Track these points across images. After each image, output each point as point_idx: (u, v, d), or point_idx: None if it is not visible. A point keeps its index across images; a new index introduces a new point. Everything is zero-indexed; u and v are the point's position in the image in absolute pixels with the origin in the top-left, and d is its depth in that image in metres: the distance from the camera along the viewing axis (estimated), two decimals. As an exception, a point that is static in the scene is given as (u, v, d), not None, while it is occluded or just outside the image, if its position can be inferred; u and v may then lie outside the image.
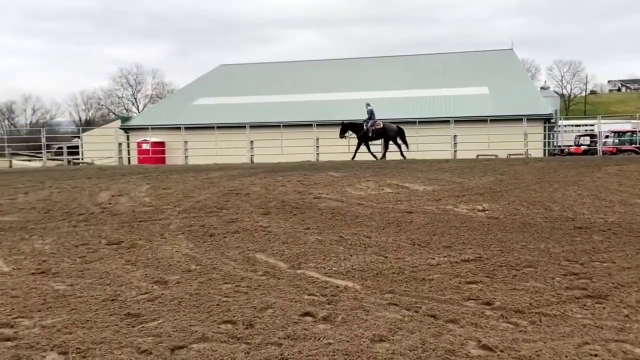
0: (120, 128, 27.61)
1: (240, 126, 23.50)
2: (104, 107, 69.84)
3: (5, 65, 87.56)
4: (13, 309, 3.70)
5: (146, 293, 4.02)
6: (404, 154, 18.02)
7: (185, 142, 22.00)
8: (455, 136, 20.65)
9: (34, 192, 9.76)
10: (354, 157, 18.35)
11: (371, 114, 18.65)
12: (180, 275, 4.48)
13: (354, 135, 18.63)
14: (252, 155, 21.23)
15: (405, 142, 18.58)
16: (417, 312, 3.58)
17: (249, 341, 3.07)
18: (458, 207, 7.49)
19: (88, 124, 60.79)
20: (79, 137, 28.97)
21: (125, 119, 31.46)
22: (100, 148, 23.89)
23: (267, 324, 3.33)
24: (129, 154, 25.28)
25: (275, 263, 4.83)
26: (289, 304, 3.71)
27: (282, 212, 7.30)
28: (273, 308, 3.62)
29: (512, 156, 19.22)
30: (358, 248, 5.36)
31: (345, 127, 18.95)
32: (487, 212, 7.17)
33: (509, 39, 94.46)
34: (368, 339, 3.12)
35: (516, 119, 22.26)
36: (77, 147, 27.08)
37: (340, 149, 20.45)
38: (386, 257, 4.98)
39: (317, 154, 20.95)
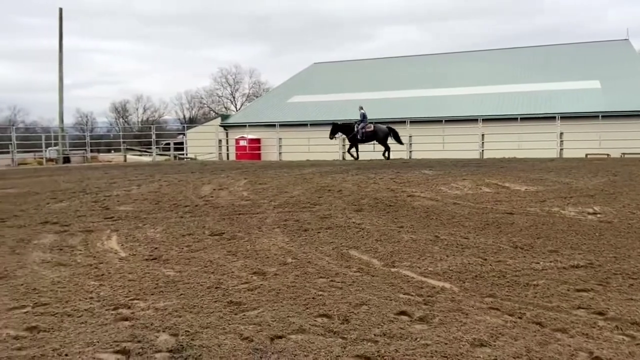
0: (220, 125, 29.13)
1: (333, 123, 23.77)
2: (205, 105, 73.95)
3: (122, 68, 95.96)
4: (130, 292, 4.05)
5: (246, 283, 4.21)
6: (389, 154, 18.47)
7: (280, 139, 22.70)
8: (561, 134, 19.28)
9: (146, 185, 10.60)
10: (357, 157, 18.84)
11: (363, 117, 19.03)
12: (278, 268, 4.63)
13: (368, 135, 18.69)
14: (343, 152, 21.38)
15: (399, 142, 18.91)
16: (520, 318, 3.40)
17: (345, 336, 3.10)
18: (565, 209, 6.99)
19: (191, 122, 64.85)
20: (183, 134, 31.02)
21: (224, 117, 33.11)
22: (202, 144, 25.40)
23: (362, 320, 3.34)
24: (227, 150, 26.60)
25: (369, 260, 4.83)
26: (384, 302, 3.69)
27: (374, 210, 7.27)
28: (368, 305, 3.63)
29: (626, 156, 17.55)
30: (455, 249, 5.20)
31: (336, 128, 19.42)
32: (598, 215, 6.62)
33: (624, 28, 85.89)
34: (468, 342, 3.01)
35: (632, 116, 20.27)
36: (182, 143, 29.01)
37: (435, 146, 19.96)
38: (485, 260, 4.78)
39: (410, 151, 20.60)
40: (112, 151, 34.97)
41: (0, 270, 4.69)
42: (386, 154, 18.57)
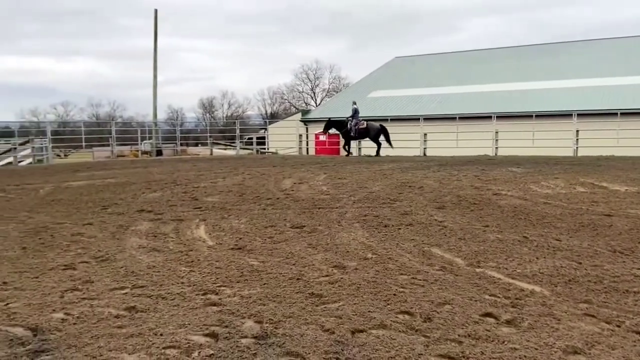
0: (300, 121, 29.68)
1: (414, 118, 23.35)
2: (286, 101, 75.60)
3: (209, 65, 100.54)
4: (217, 278, 4.26)
5: (327, 276, 4.27)
6: (380, 152, 19.00)
7: (359, 134, 22.60)
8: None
9: (230, 177, 11.06)
10: (348, 153, 19.72)
11: (355, 112, 19.36)
12: (358, 262, 4.64)
13: (361, 132, 19.00)
14: (425, 148, 20.94)
15: (389, 142, 19.14)
16: (619, 326, 3.16)
17: (428, 335, 3.05)
18: (674, 212, 6.37)
19: (273, 117, 66.58)
20: (265, 129, 31.94)
21: (304, 112, 33.68)
22: (283, 139, 26.01)
23: (445, 320, 3.27)
24: (307, 145, 27.01)
25: (452, 259, 4.71)
26: (469, 302, 3.58)
27: (458, 207, 7.06)
28: (451, 304, 3.54)
29: None
30: (546, 251, 4.92)
31: (330, 124, 20.03)
32: None
33: None
34: (560, 349, 2.85)
35: None
36: (263, 137, 29.90)
37: (523, 142, 18.99)
38: (580, 263, 4.48)
39: (496, 147, 19.74)
40: (199, 145, 36.83)
41: (103, 253, 5.11)
42: (378, 152, 19.18)
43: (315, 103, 70.26)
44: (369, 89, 33.40)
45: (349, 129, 19.40)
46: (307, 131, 29.12)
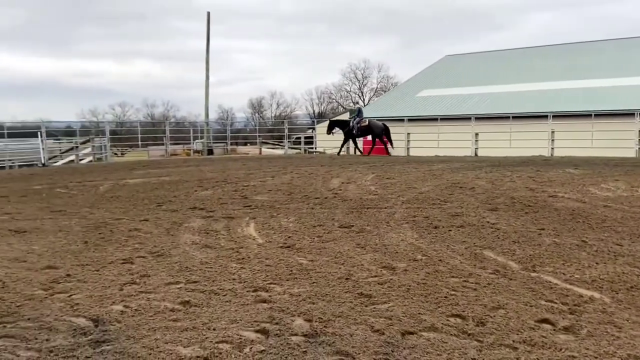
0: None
1: (465, 118, 22.84)
2: (334, 100, 75.66)
3: (259, 66, 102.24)
4: (267, 276, 4.32)
5: (376, 276, 4.25)
6: (390, 151, 19.47)
7: (408, 133, 22.39)
8: None
9: (279, 176, 11.18)
10: (339, 152, 20.09)
11: (359, 112, 20.09)
12: (407, 264, 4.59)
13: (363, 130, 19.28)
14: (476, 148, 20.44)
15: (389, 139, 19.61)
16: (689, 340, 2.97)
17: (481, 339, 2.98)
18: None
19: (320, 117, 66.85)
20: (313, 128, 32.12)
21: (352, 111, 33.55)
22: (331, 138, 25.98)
23: (499, 325, 3.18)
24: (355, 144, 26.88)
25: (505, 262, 4.57)
26: (524, 308, 3.47)
27: (511, 210, 6.85)
28: (505, 309, 3.44)
29: None
30: (606, 256, 4.69)
31: (332, 124, 20.42)
32: None
33: None
34: (621, 358, 2.71)
35: None
36: (311, 137, 30.06)
37: (581, 143, 18.20)
38: (644, 270, 4.24)
39: (552, 148, 18.99)
40: (249, 144, 37.48)
41: (158, 249, 5.30)
42: (385, 150, 19.57)
43: (363, 102, 69.88)
44: (418, 88, 32.93)
45: (351, 127, 19.77)
46: (354, 130, 28.99)
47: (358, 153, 20.40)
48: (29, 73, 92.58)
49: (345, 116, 31.59)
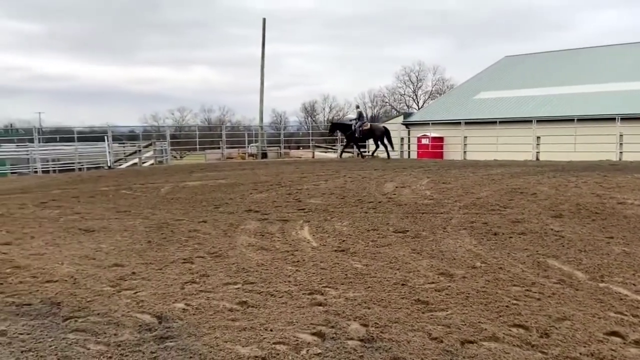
0: (402, 124, 29.32)
1: (525, 120, 22.04)
2: (387, 104, 75.16)
3: (312, 70, 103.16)
4: (322, 279, 4.35)
5: (433, 283, 4.18)
6: (390, 154, 19.71)
7: (465, 137, 21.88)
8: None
9: (332, 180, 11.22)
10: (340, 155, 20.48)
11: (360, 115, 19.93)
12: (466, 271, 4.49)
13: (365, 133, 19.22)
14: (537, 152, 19.66)
15: (390, 143, 19.74)
16: None
17: (545, 351, 2.87)
18: None
19: (373, 120, 66.43)
20: (366, 132, 31.87)
21: (406, 115, 33.24)
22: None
23: (565, 337, 3.05)
24: (409, 148, 26.60)
25: (571, 272, 4.37)
26: (591, 319, 3.31)
27: (577, 217, 6.55)
28: (571, 320, 3.29)
29: None
30: (684, 268, 4.39)
31: (334, 127, 20.84)
32: None
33: None
34: None
35: None
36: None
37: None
38: None
39: (621, 152, 17.97)
40: (302, 148, 37.82)
41: (217, 249, 5.46)
42: (386, 153, 19.64)
43: (418, 106, 68.96)
44: (475, 90, 32.10)
45: (353, 130, 19.70)
46: (408, 134, 28.70)
47: (366, 155, 20.64)
48: (95, 80, 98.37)
49: (399, 119, 31.27)
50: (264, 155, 25.51)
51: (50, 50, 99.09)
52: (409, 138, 28.13)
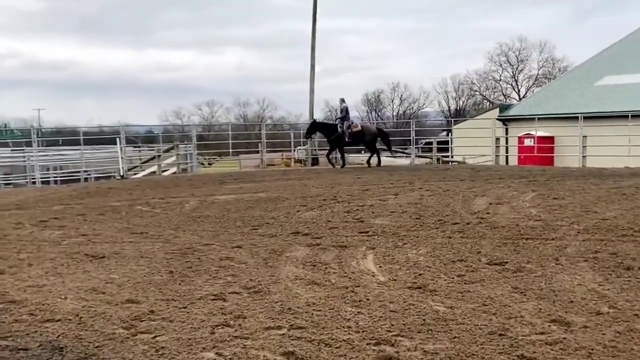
0: (497, 119, 28.79)
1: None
2: (477, 93, 74.13)
3: (375, 51, 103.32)
4: (392, 325, 4.33)
5: (542, 333, 4.08)
6: (380, 159, 20.31)
7: (584, 136, 21.22)
8: None
9: (404, 194, 11.21)
10: (342, 165, 20.66)
11: (346, 112, 19.72)
12: (587, 318, 4.36)
13: (355, 136, 19.45)
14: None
15: (388, 146, 20.91)
16: None
17: None
18: None
19: (458, 115, 65.84)
20: (449, 130, 31.65)
21: (503, 108, 32.60)
22: (473, 143, 25.47)
23: None
24: (507, 152, 26.08)
25: None
26: None
27: None
28: None
29: None
30: None
31: (315, 127, 20.57)
32: None
33: None
34: None
35: None
36: (447, 142, 29.63)
37: None
38: None
39: None
40: (363, 151, 37.83)
41: (255, 283, 5.55)
42: (375, 160, 20.02)
43: (518, 95, 67.69)
44: (597, 74, 31.08)
45: (341, 132, 19.42)
46: (506, 133, 28.17)
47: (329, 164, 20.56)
48: (105, 68, 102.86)
49: (493, 113, 30.74)
50: (315, 162, 25.73)
51: (51, 32, 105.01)
52: (506, 138, 27.64)
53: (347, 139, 19.63)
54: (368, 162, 20.67)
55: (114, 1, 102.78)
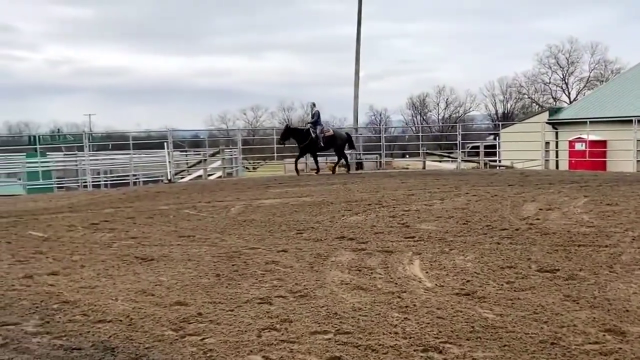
0: (547, 122, 28.25)
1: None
2: (525, 96, 72.85)
3: (421, 55, 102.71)
4: (440, 332, 4.28)
5: (596, 343, 3.98)
6: (348, 164, 20.80)
7: (638, 140, 20.61)
8: None
9: (450, 199, 11.10)
10: (317, 170, 20.25)
11: (317, 117, 19.51)
12: (644, 328, 4.23)
13: (327, 141, 19.36)
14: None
15: (352, 148, 21.23)
16: None
17: None
18: None
19: (505, 118, 64.80)
20: (496, 134, 31.19)
21: (553, 111, 31.99)
22: (522, 148, 25.03)
23: None
24: (557, 156, 25.54)
25: None
26: None
27: None
28: None
29: None
30: None
31: (289, 132, 20.24)
32: None
33: None
34: None
35: None
36: (494, 146, 29.21)
37: None
38: None
39: None
40: (408, 156, 37.70)
41: (301, 287, 5.58)
42: (343, 165, 20.26)
43: (569, 98, 66.22)
44: (653, 75, 30.20)
45: (314, 138, 19.07)
46: (556, 137, 27.61)
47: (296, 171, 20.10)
48: (153, 75, 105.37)
49: (543, 117, 30.17)
50: (359, 166, 25.71)
51: (101, 40, 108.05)
52: (556, 142, 27.09)
53: (321, 144, 19.39)
54: (334, 169, 20.49)
55: (163, 9, 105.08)
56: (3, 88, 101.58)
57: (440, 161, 30.97)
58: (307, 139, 19.30)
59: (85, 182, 20.71)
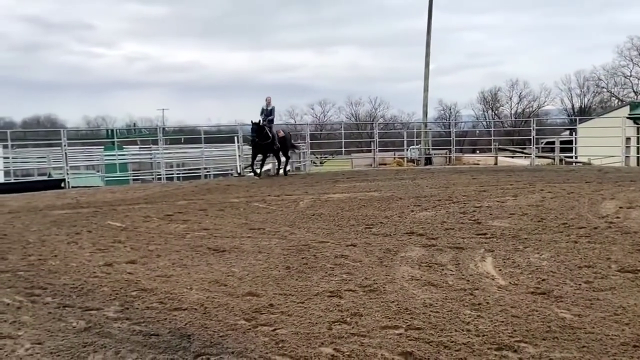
0: (627, 117, 27.09)
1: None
2: (604, 90, 70.12)
3: (493, 48, 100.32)
4: (514, 330, 4.20)
5: (683, 348, 3.80)
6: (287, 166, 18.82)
7: None
8: None
9: (524, 196, 10.84)
10: (285, 173, 18.48)
11: (270, 114, 17.51)
12: None
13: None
14: None
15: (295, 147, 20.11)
16: None
17: None
18: None
19: (582, 113, 62.62)
20: (573, 129, 30.16)
21: (635, 106, 30.68)
22: (600, 143, 24.12)
23: None
24: (638, 152, 24.49)
25: None
26: None
27: None
28: None
29: None
30: None
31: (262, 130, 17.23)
32: None
33: None
34: None
35: None
36: (570, 142, 28.25)
37: None
38: None
39: None
40: (479, 151, 36.98)
41: (370, 282, 5.58)
42: (286, 167, 18.79)
43: (650, 91, 63.21)
44: None
45: (272, 138, 17.25)
46: (637, 132, 26.48)
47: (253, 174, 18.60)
48: (222, 69, 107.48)
49: (624, 112, 28.97)
50: (429, 161, 25.45)
51: (176, 36, 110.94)
52: (637, 138, 25.95)
53: (276, 145, 17.69)
54: (277, 171, 19.52)
55: (234, 5, 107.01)
56: (82, 84, 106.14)
57: (512, 157, 30.24)
58: (268, 138, 17.28)
59: (160, 175, 21.34)
